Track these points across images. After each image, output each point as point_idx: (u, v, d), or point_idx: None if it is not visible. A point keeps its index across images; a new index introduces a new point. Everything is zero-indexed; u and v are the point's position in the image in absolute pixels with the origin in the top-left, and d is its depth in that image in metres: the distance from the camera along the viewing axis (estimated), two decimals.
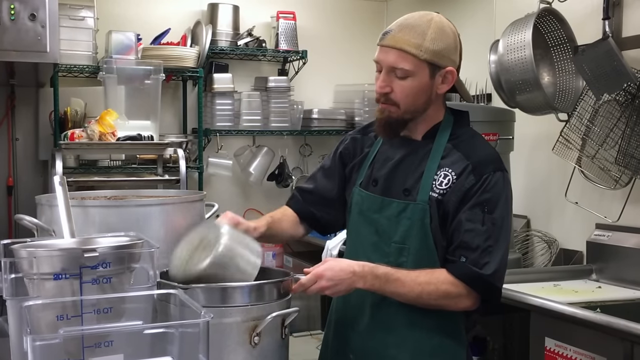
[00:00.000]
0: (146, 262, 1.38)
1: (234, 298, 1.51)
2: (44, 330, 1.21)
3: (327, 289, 1.64)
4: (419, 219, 1.72)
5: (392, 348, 1.76)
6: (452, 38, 1.76)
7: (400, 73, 1.72)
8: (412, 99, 1.74)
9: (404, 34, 1.71)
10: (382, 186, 1.81)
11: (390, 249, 1.76)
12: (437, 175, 1.74)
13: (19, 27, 3.03)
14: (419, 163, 1.77)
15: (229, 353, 1.49)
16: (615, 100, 2.80)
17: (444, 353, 1.77)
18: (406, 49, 1.70)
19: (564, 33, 3.10)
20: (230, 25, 4.27)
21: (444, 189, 1.72)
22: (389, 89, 1.74)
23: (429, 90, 1.75)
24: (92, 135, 3.52)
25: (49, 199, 1.77)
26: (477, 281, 1.68)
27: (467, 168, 1.72)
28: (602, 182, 2.88)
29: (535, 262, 3.35)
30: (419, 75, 1.72)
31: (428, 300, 1.69)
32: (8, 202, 3.95)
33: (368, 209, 1.82)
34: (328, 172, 1.98)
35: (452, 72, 1.75)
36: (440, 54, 1.72)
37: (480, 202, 1.70)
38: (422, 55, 1.70)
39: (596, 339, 2.23)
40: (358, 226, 1.85)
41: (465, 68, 3.70)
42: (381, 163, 1.84)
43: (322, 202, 1.96)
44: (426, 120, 1.80)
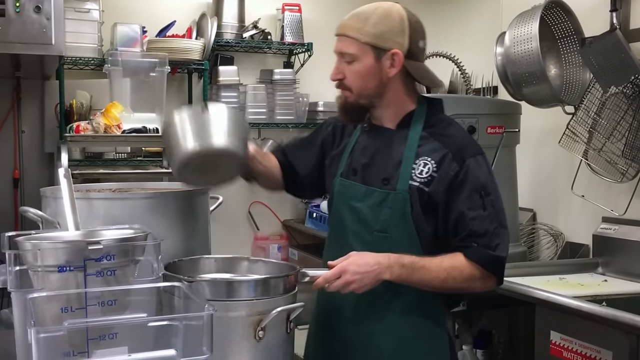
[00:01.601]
0: (150, 255, 1.37)
1: (239, 292, 1.51)
2: (49, 322, 1.21)
3: (352, 282, 1.63)
4: (400, 208, 1.76)
5: (377, 335, 1.80)
6: (398, 21, 1.78)
7: (348, 58, 1.79)
8: (362, 82, 1.79)
9: (349, 21, 1.81)
10: (361, 175, 1.85)
11: (372, 237, 1.79)
12: (416, 164, 1.78)
13: (24, 20, 3.03)
14: (396, 152, 1.81)
15: (234, 347, 1.48)
16: (623, 93, 2.79)
17: (428, 338, 1.82)
18: (348, 34, 1.79)
19: (571, 25, 3.08)
20: (235, 18, 4.25)
21: (425, 178, 1.76)
22: (341, 75, 1.81)
23: (377, 74, 1.78)
24: (98, 128, 3.53)
25: (54, 191, 1.77)
26: (494, 263, 1.74)
27: (447, 156, 1.76)
28: (609, 175, 2.87)
29: (541, 255, 3.34)
30: (363, 58, 1.77)
31: (454, 284, 1.72)
32: (14, 194, 3.95)
33: (351, 198, 1.85)
34: (307, 140, 2.06)
35: (397, 54, 1.77)
36: (381, 37, 1.77)
37: (476, 188, 1.74)
38: (363, 38, 1.76)
39: (602, 333, 2.23)
40: (340, 215, 1.88)
41: (471, 60, 3.73)
42: (359, 153, 1.88)
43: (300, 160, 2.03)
44: (392, 106, 1.84)
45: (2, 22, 3.01)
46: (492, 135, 3.04)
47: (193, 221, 1.84)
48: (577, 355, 2.31)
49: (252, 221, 4.47)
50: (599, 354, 2.23)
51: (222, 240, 2.65)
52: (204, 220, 1.92)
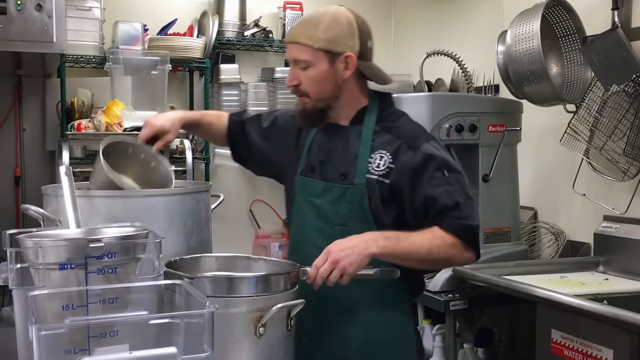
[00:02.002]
0: (152, 253, 1.38)
1: (240, 289, 1.51)
2: (50, 320, 1.21)
3: (339, 260, 1.64)
4: (358, 202, 1.82)
5: (345, 326, 1.84)
6: (346, 25, 1.84)
7: (302, 64, 1.84)
8: (318, 87, 1.85)
9: (299, 28, 1.86)
10: (319, 172, 1.90)
11: (333, 231, 1.83)
12: (372, 158, 1.84)
13: (26, 18, 3.03)
14: (351, 147, 1.87)
15: (234, 343, 1.49)
16: (624, 92, 2.78)
17: (395, 325, 1.88)
18: (301, 41, 1.84)
19: (572, 23, 3.08)
20: (236, 16, 4.25)
21: (383, 170, 1.82)
22: (296, 81, 1.87)
23: (333, 77, 1.85)
24: (99, 126, 3.53)
25: (55, 189, 1.77)
26: (468, 233, 1.80)
27: (401, 146, 1.83)
28: (610, 174, 2.87)
29: (542, 253, 3.34)
30: (318, 63, 1.83)
31: (438, 253, 1.76)
32: (15, 192, 3.96)
33: (311, 194, 1.90)
34: (264, 130, 2.09)
35: (350, 56, 1.83)
36: (333, 41, 1.82)
37: (437, 167, 1.80)
38: (316, 44, 1.82)
39: (603, 331, 2.22)
40: (302, 211, 1.93)
41: (472, 59, 3.73)
42: (316, 150, 1.94)
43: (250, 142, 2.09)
44: (347, 106, 1.90)
45: (4, 20, 3.02)
46: (493, 133, 3.04)
47: (194, 219, 1.85)
48: (578, 354, 2.31)
49: (253, 219, 4.47)
50: (600, 353, 2.23)
51: (223, 238, 2.65)
52: (205, 218, 1.92)
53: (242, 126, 2.11)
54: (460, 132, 2.96)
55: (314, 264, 1.66)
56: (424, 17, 4.51)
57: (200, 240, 1.88)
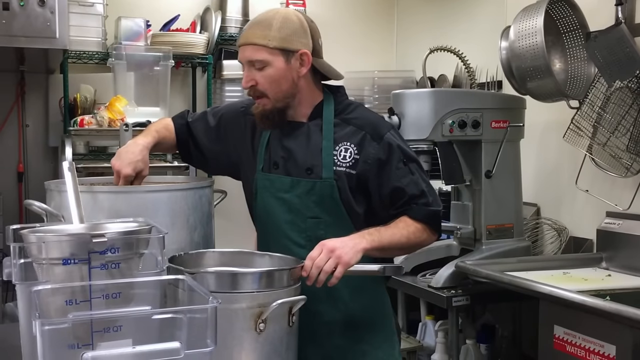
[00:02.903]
0: (155, 248, 1.38)
1: (241, 284, 1.51)
2: (53, 315, 1.21)
3: (335, 249, 1.66)
4: (328, 195, 1.87)
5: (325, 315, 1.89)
6: (298, 23, 1.88)
7: (258, 65, 1.85)
8: (276, 86, 1.87)
9: (252, 30, 1.88)
10: (283, 168, 1.92)
11: (306, 224, 1.88)
12: (337, 150, 1.88)
13: (29, 13, 3.04)
14: (314, 142, 1.90)
15: (235, 339, 1.49)
16: (628, 87, 2.78)
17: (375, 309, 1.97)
18: (256, 42, 1.85)
19: (576, 19, 3.07)
20: (239, 12, 4.25)
21: (349, 162, 1.87)
22: (253, 82, 1.87)
23: (289, 75, 1.87)
24: (102, 122, 3.53)
25: (58, 184, 1.77)
26: (434, 218, 1.91)
27: (365, 137, 1.88)
28: (613, 170, 2.86)
29: (545, 250, 3.34)
30: (274, 62, 1.85)
31: (414, 240, 1.87)
32: (18, 188, 3.96)
33: (278, 190, 1.92)
34: (211, 129, 2.08)
35: (305, 53, 1.87)
36: (287, 40, 1.85)
37: (400, 158, 1.89)
38: (271, 43, 1.84)
39: (605, 327, 2.22)
40: (269, 208, 1.94)
41: (476, 55, 3.72)
42: (277, 146, 1.94)
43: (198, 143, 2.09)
44: (303, 103, 1.93)
45: (7, 16, 3.02)
46: (496, 129, 3.03)
47: (197, 215, 1.85)
48: (581, 350, 2.31)
49: None
50: (603, 349, 2.23)
51: (226, 234, 2.65)
52: (208, 213, 1.92)
53: (188, 128, 2.10)
54: (463, 128, 2.96)
55: (308, 256, 1.66)
56: (426, 13, 4.51)
57: (204, 236, 1.88)
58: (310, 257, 1.66)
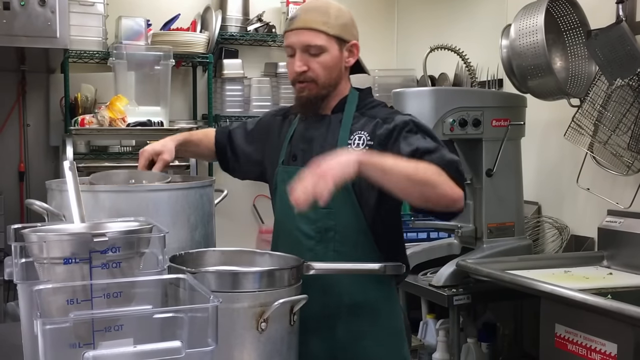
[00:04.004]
0: (156, 247, 1.37)
1: (243, 284, 1.51)
2: (54, 314, 1.21)
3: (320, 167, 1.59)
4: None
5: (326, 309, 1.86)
6: (349, 15, 1.93)
7: (315, 50, 1.85)
8: (328, 73, 1.88)
9: (311, 14, 1.87)
10: (301, 160, 1.92)
11: (317, 214, 1.85)
12: (351, 140, 1.88)
13: (29, 13, 3.04)
14: (333, 134, 1.91)
15: (236, 338, 1.49)
16: (629, 85, 2.78)
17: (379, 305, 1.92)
18: (316, 27, 1.85)
19: (576, 17, 3.07)
20: (240, 11, 4.25)
21: (362, 149, 1.86)
22: (306, 68, 1.87)
23: (340, 64, 1.90)
24: (103, 121, 3.54)
25: (59, 184, 1.77)
26: (451, 164, 1.73)
27: (377, 124, 1.87)
28: (614, 168, 2.86)
29: (546, 248, 3.34)
30: (331, 49, 1.86)
31: (424, 174, 1.66)
32: (19, 187, 3.97)
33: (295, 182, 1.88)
34: (250, 132, 2.14)
35: (356, 45, 1.92)
36: (344, 29, 1.89)
37: (409, 129, 1.82)
38: (331, 30, 1.85)
39: (607, 326, 2.22)
40: (285, 199, 1.87)
41: (476, 53, 3.72)
42: (298, 140, 1.97)
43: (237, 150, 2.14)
44: (335, 95, 1.95)
45: (7, 16, 3.02)
46: (497, 128, 3.03)
47: (198, 214, 1.85)
48: (582, 348, 2.31)
49: (257, 214, 4.48)
50: (604, 347, 2.23)
51: (226, 233, 2.66)
52: (208, 213, 1.92)
53: (228, 135, 2.15)
54: (464, 126, 2.96)
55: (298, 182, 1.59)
56: (427, 12, 4.50)
57: (204, 235, 1.88)
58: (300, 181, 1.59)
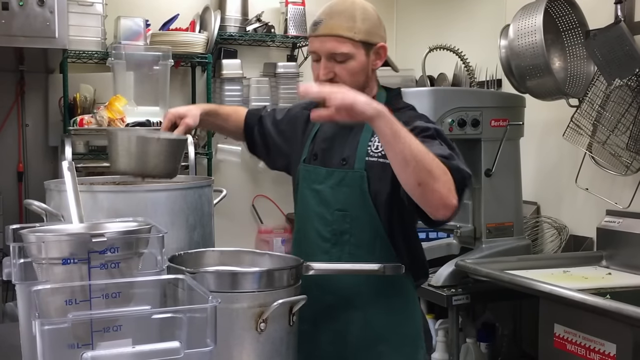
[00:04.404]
0: (154, 247, 1.37)
1: (242, 284, 1.51)
2: (53, 314, 1.21)
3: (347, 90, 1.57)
4: (358, 186, 1.82)
5: (342, 311, 1.85)
6: (376, 15, 1.86)
7: (341, 57, 1.80)
8: (355, 79, 1.83)
9: (335, 20, 1.80)
10: (321, 158, 1.91)
11: (333, 216, 1.84)
12: (372, 141, 1.84)
13: (28, 13, 3.04)
14: (355, 134, 1.87)
15: (235, 338, 1.49)
16: (627, 86, 2.78)
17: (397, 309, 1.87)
18: (342, 34, 1.79)
19: (575, 17, 3.07)
20: (239, 11, 4.25)
21: (381, 150, 1.79)
22: (332, 75, 1.82)
23: (367, 68, 1.85)
24: (101, 121, 3.54)
25: (58, 184, 1.77)
26: (459, 172, 1.63)
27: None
28: (613, 168, 2.86)
29: (545, 248, 3.34)
30: (357, 56, 1.81)
31: (431, 162, 1.57)
32: (18, 187, 3.97)
33: (314, 181, 1.90)
34: (279, 122, 2.09)
35: (383, 47, 1.86)
36: (371, 32, 1.82)
37: (427, 135, 1.70)
38: (357, 36, 1.79)
39: (606, 326, 2.23)
40: (305, 199, 1.93)
41: (475, 53, 3.72)
42: (321, 138, 1.95)
43: (264, 134, 2.10)
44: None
45: (6, 16, 3.02)
46: (496, 128, 3.03)
47: (197, 214, 1.84)
48: (581, 348, 2.31)
49: (256, 214, 4.48)
50: (603, 347, 2.23)
51: (225, 233, 2.66)
52: (207, 213, 1.92)
53: (258, 119, 2.11)
54: (462, 126, 2.96)
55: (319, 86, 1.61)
56: (426, 12, 4.50)
57: (203, 235, 1.88)
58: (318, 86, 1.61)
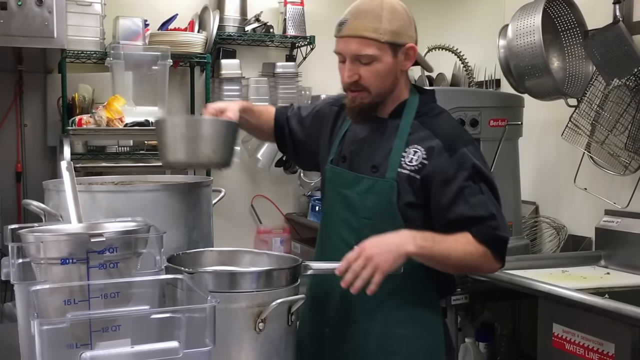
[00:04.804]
0: (153, 247, 1.38)
1: (241, 284, 1.51)
2: (52, 314, 1.21)
3: (372, 257, 1.58)
4: (387, 196, 1.76)
5: (363, 321, 1.80)
6: (405, 15, 1.78)
7: (365, 59, 1.74)
8: (381, 82, 1.77)
9: (360, 20, 1.74)
10: (350, 162, 1.85)
11: (359, 223, 1.79)
12: (406, 152, 1.77)
13: (26, 13, 3.04)
14: (387, 140, 1.81)
15: (234, 338, 1.49)
16: (626, 86, 2.78)
17: (417, 324, 1.81)
18: (366, 35, 1.73)
19: (573, 17, 3.07)
20: (237, 11, 4.25)
21: (415, 166, 1.75)
22: (357, 77, 1.77)
23: (394, 70, 1.78)
24: (100, 121, 3.53)
25: (57, 184, 1.77)
26: (500, 244, 1.73)
27: (437, 145, 1.75)
28: (612, 168, 2.87)
29: (544, 248, 3.34)
30: (383, 57, 1.74)
31: (470, 261, 1.71)
32: (17, 188, 3.96)
33: (340, 185, 1.86)
34: (303, 118, 2.04)
35: (412, 48, 1.78)
36: (398, 33, 1.75)
37: (470, 176, 1.72)
38: (382, 37, 1.73)
39: (604, 325, 2.23)
40: (331, 201, 1.90)
41: (474, 53, 3.72)
42: (350, 140, 1.88)
43: (293, 131, 2.04)
44: (392, 99, 1.84)
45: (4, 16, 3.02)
46: (494, 128, 3.03)
47: (195, 214, 1.84)
48: (580, 348, 2.31)
49: (255, 214, 4.47)
50: (602, 346, 2.23)
51: (224, 233, 2.66)
52: (206, 213, 1.92)
53: (286, 116, 2.06)
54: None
55: (346, 258, 1.61)
56: (425, 12, 4.49)
57: (202, 235, 1.87)
58: (346, 259, 1.61)
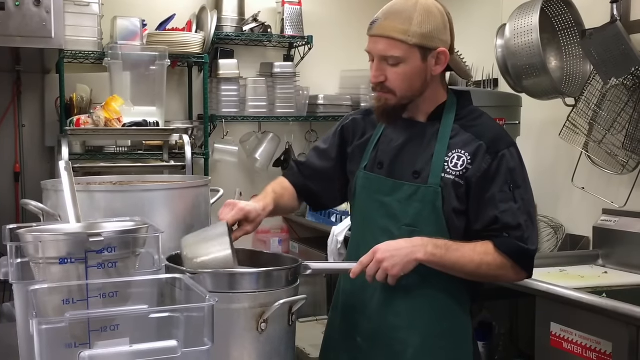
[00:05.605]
0: (152, 247, 1.38)
1: (242, 284, 1.51)
2: (50, 314, 1.21)
3: (383, 261, 1.61)
4: (431, 202, 1.72)
5: (402, 331, 1.76)
6: (440, 18, 1.72)
7: (392, 61, 1.71)
8: (408, 85, 1.73)
9: (390, 21, 1.71)
10: (388, 169, 1.80)
11: (400, 232, 1.73)
12: (449, 157, 1.73)
13: (24, 13, 3.03)
14: (427, 145, 1.77)
15: (236, 339, 1.49)
16: (623, 85, 2.79)
17: (451, 336, 1.78)
18: (394, 36, 1.69)
19: (571, 17, 3.08)
20: (235, 11, 4.25)
21: (459, 171, 1.72)
22: (383, 78, 1.74)
23: (423, 74, 1.73)
24: (98, 122, 3.53)
25: (55, 184, 1.77)
26: (524, 256, 1.72)
27: (480, 148, 1.72)
28: (609, 167, 2.87)
29: (542, 247, 3.34)
30: (410, 60, 1.70)
31: (487, 270, 1.70)
32: (15, 188, 3.96)
33: (377, 192, 1.80)
34: (324, 151, 1.97)
35: (444, 52, 1.73)
36: (429, 37, 1.70)
37: (506, 181, 1.71)
38: (411, 40, 1.68)
39: (602, 324, 2.23)
40: (366, 209, 1.83)
41: (471, 53, 3.73)
42: (386, 145, 1.83)
43: (318, 177, 1.96)
44: (427, 101, 1.79)
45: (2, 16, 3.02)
46: None
47: (194, 214, 1.85)
48: (578, 347, 2.31)
49: None
50: (599, 345, 2.23)
51: None
52: (204, 212, 1.92)
53: (298, 170, 1.98)
54: None
55: (360, 261, 1.63)
56: None
57: None
58: (360, 263, 1.63)
